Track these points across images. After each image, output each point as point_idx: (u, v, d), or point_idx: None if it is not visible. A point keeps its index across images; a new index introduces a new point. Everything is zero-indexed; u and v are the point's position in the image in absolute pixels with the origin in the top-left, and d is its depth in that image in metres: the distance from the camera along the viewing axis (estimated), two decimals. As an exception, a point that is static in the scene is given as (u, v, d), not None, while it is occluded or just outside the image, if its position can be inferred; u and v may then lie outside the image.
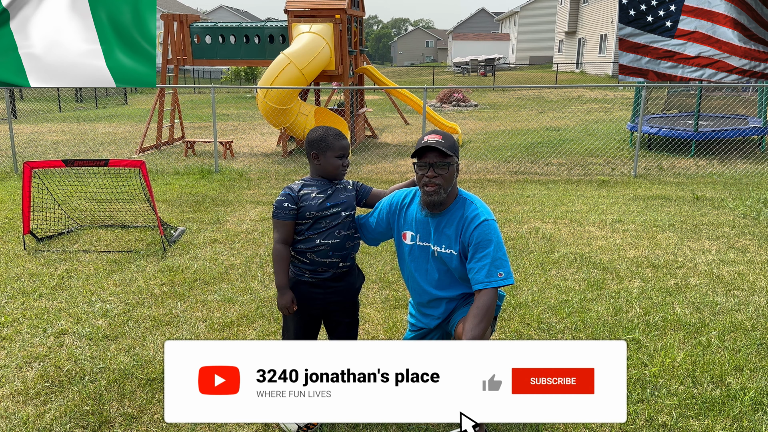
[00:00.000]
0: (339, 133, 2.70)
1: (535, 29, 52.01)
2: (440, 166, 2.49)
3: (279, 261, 2.67)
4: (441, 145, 2.47)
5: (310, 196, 2.66)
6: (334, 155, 2.67)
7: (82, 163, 5.36)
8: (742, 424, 2.78)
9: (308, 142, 2.70)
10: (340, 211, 2.70)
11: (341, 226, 2.70)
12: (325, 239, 2.66)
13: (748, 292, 4.36)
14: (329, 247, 2.67)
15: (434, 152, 2.49)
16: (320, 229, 2.66)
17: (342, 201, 2.72)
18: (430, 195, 2.53)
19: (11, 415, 2.88)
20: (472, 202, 2.61)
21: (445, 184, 2.52)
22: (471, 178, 8.73)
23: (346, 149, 2.70)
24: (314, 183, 2.71)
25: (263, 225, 6.20)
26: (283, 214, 2.65)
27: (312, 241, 2.66)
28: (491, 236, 2.50)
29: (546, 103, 21.00)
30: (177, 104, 12.49)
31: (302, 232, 2.68)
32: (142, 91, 31.33)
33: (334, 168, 2.69)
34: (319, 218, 2.65)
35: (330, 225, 2.67)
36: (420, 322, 2.84)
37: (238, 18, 59.86)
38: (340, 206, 2.70)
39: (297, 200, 2.65)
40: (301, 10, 11.17)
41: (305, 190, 2.68)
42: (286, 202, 2.64)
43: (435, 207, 2.57)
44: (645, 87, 9.22)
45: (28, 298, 4.28)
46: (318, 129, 2.73)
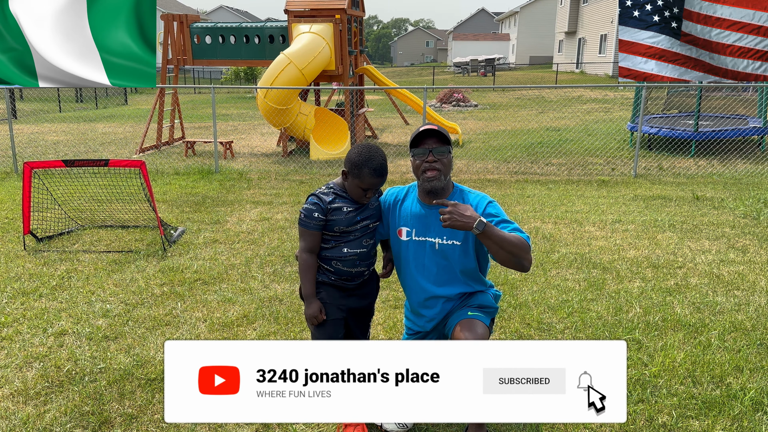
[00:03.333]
0: (379, 167, 2.51)
1: (535, 29, 52.00)
2: (439, 151, 2.50)
3: (306, 270, 2.61)
4: (439, 130, 2.51)
5: (342, 210, 2.58)
6: (360, 186, 2.54)
7: (82, 163, 5.36)
8: (742, 424, 2.78)
9: (347, 157, 2.56)
10: (369, 224, 2.66)
11: (368, 236, 2.67)
12: (352, 249, 2.62)
13: (748, 292, 4.36)
14: (357, 257, 2.64)
15: (433, 138, 2.51)
16: (348, 240, 2.61)
17: (371, 213, 2.68)
18: (431, 181, 2.51)
19: (11, 415, 2.88)
20: (469, 191, 2.65)
21: (444, 170, 2.52)
22: (471, 178, 8.73)
23: (376, 186, 2.55)
24: (344, 194, 2.61)
25: (263, 225, 6.20)
26: (312, 224, 2.56)
27: (339, 250, 2.61)
28: (503, 215, 2.55)
29: (546, 103, 21.00)
30: (177, 104, 12.49)
31: (328, 241, 2.62)
32: (142, 91, 31.33)
33: (357, 196, 2.59)
34: (347, 231, 2.60)
35: (358, 236, 2.63)
36: (416, 325, 2.81)
37: (238, 18, 59.86)
38: (369, 219, 2.66)
39: (327, 212, 2.56)
40: (301, 10, 11.17)
41: (337, 203, 2.58)
42: (316, 212, 2.55)
43: (436, 194, 2.55)
44: (645, 87, 9.22)
45: (28, 298, 4.29)
46: (362, 151, 2.54)
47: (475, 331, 2.42)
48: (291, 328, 3.81)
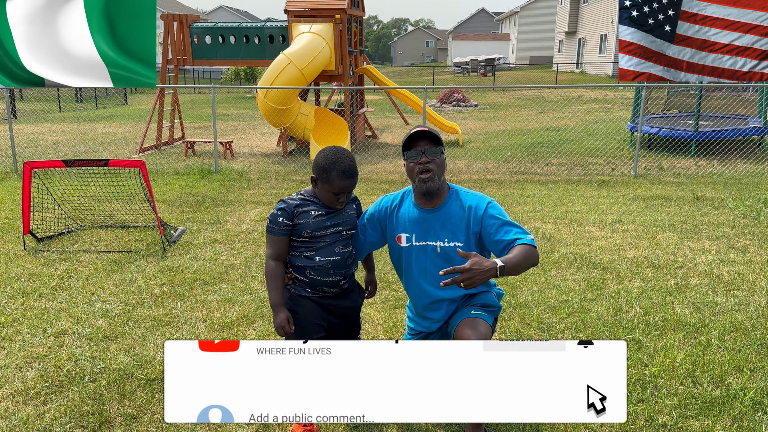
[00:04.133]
0: (348, 169, 2.45)
1: (535, 29, 52.01)
2: (432, 152, 2.49)
3: (272, 278, 2.51)
4: (431, 131, 2.51)
5: (309, 214, 2.51)
6: (331, 191, 2.48)
7: (82, 163, 5.36)
8: (743, 424, 2.78)
9: (315, 162, 2.51)
10: (342, 230, 2.58)
11: (342, 243, 2.58)
12: (325, 256, 2.53)
13: (748, 292, 4.36)
14: (330, 265, 2.54)
15: (425, 139, 2.51)
16: (319, 247, 2.53)
17: (344, 220, 2.60)
18: (426, 182, 2.50)
19: (11, 415, 2.88)
20: (466, 192, 2.64)
21: (438, 170, 2.51)
22: (471, 178, 8.73)
23: (347, 188, 2.49)
24: (315, 199, 2.56)
25: (263, 225, 6.20)
26: (277, 230, 2.50)
27: (310, 259, 2.53)
28: (505, 216, 2.55)
29: (546, 103, 21.00)
30: (177, 104, 12.49)
31: (297, 249, 2.55)
32: (142, 91, 31.33)
33: (328, 201, 2.53)
34: (317, 237, 2.52)
35: (329, 242, 2.54)
36: (419, 326, 2.80)
37: (238, 18, 59.87)
38: (341, 225, 2.58)
39: (293, 216, 2.51)
40: (301, 10, 11.17)
41: (305, 207, 2.52)
42: (280, 217, 2.50)
43: (432, 196, 2.54)
44: (645, 87, 9.22)
45: (28, 298, 4.29)
46: (329, 154, 2.48)
47: (478, 330, 2.43)
48: (291, 328, 3.81)
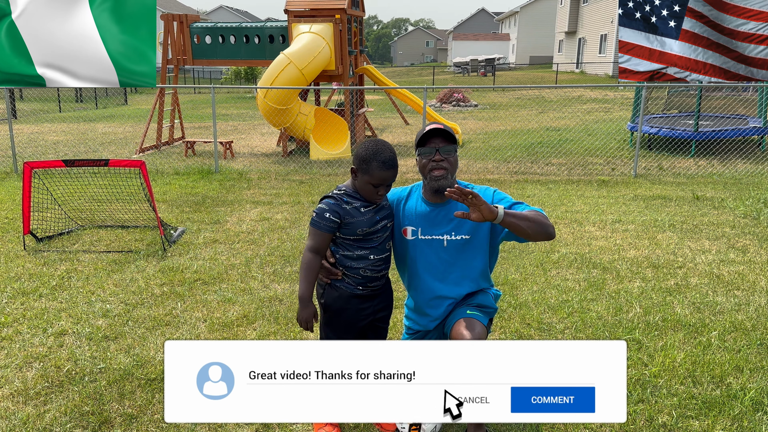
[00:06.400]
0: (388, 159, 2.43)
1: (535, 29, 52.00)
2: (446, 150, 2.50)
3: (307, 269, 2.46)
4: (446, 129, 2.52)
5: (359, 211, 2.48)
6: (371, 182, 2.44)
7: (82, 163, 5.36)
8: (743, 424, 2.78)
9: (355, 154, 2.48)
10: (387, 223, 2.59)
11: (389, 238, 2.61)
12: (378, 254, 2.55)
13: (748, 292, 4.36)
14: (382, 261, 2.57)
15: (439, 137, 2.52)
16: (373, 245, 2.53)
17: (388, 212, 2.61)
18: (438, 180, 2.51)
19: (11, 415, 2.88)
20: (470, 185, 2.65)
21: (451, 168, 2.53)
22: (471, 178, 8.73)
23: (387, 180, 2.45)
24: (357, 195, 2.52)
25: (263, 225, 6.20)
26: (323, 225, 2.45)
27: (365, 258, 2.52)
28: (510, 197, 2.57)
29: (546, 103, 21.00)
30: (177, 104, 12.49)
31: (350, 248, 2.52)
32: (142, 91, 31.32)
33: (368, 195, 2.49)
34: (371, 233, 2.51)
35: (381, 238, 2.56)
36: (417, 324, 2.80)
37: (238, 18, 59.86)
38: (387, 218, 2.59)
39: (342, 214, 2.46)
40: (301, 10, 11.17)
41: (353, 202, 2.49)
42: (328, 212, 2.45)
43: (443, 192, 2.54)
44: (645, 87, 9.22)
45: (28, 298, 4.29)
46: (369, 145, 2.47)
47: (474, 330, 2.43)
48: (291, 328, 3.81)
